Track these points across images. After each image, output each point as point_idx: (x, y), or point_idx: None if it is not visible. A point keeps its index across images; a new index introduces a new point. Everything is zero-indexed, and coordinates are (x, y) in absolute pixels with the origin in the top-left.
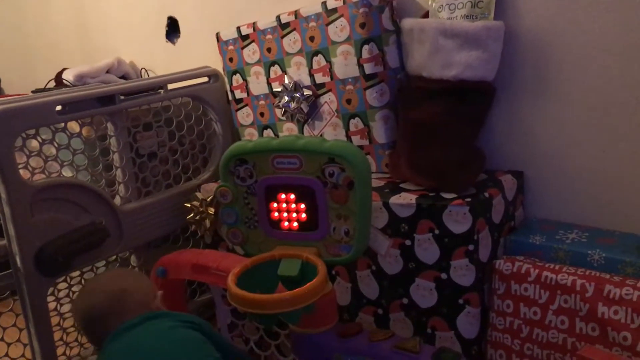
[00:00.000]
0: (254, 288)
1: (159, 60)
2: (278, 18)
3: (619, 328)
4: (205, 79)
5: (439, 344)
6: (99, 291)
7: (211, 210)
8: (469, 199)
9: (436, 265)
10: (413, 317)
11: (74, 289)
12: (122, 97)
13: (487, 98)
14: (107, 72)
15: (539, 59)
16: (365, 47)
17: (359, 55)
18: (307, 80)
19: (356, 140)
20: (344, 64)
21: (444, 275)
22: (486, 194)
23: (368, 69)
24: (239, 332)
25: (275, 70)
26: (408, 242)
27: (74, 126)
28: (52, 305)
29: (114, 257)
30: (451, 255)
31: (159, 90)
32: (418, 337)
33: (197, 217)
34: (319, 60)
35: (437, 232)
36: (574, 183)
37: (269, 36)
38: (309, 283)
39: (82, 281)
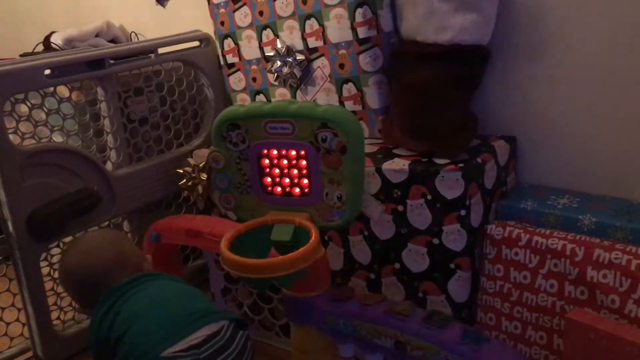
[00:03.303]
0: (247, 253)
1: (149, 24)
2: None
3: (608, 291)
4: (196, 43)
5: (429, 307)
6: (103, 249)
7: (204, 176)
8: (461, 165)
9: (428, 230)
10: (405, 282)
11: None
12: (112, 61)
13: (481, 62)
14: (97, 35)
15: (534, 22)
16: (359, 10)
17: (352, 18)
18: (299, 45)
19: (349, 105)
20: (337, 27)
21: (435, 241)
22: (479, 160)
23: (361, 33)
24: (233, 296)
25: (267, 34)
26: (400, 208)
27: (63, 91)
28: (45, 271)
29: (106, 222)
30: (443, 221)
31: (150, 55)
32: (410, 301)
33: (190, 183)
34: (311, 24)
35: (429, 197)
36: (566, 148)
37: None
38: (303, 247)
39: None
